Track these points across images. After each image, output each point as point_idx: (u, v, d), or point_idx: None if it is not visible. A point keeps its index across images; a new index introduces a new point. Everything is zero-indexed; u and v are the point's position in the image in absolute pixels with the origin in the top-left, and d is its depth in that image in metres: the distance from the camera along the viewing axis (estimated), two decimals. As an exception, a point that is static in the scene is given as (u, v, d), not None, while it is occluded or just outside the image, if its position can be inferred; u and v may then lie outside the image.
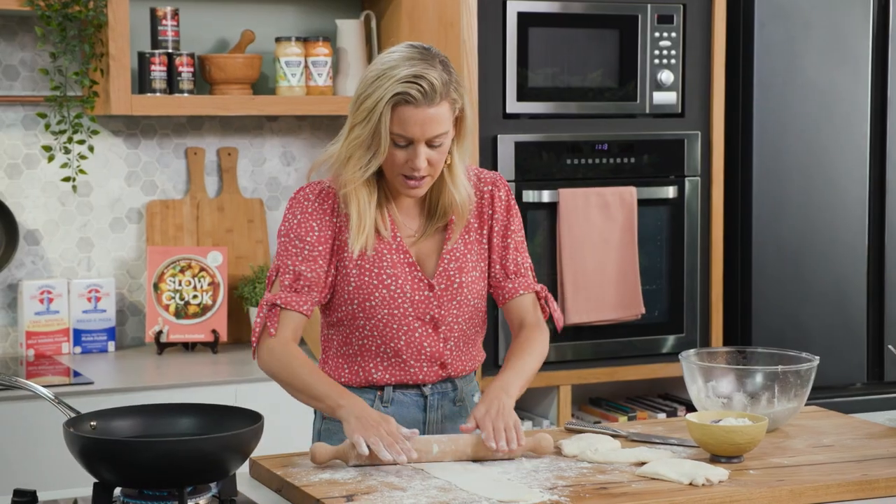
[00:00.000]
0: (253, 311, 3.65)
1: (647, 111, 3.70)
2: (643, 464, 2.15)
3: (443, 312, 2.34)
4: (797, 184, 3.80)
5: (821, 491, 2.08)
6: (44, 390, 2.10)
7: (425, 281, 2.33)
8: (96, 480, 1.96)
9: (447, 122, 2.24)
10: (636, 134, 3.69)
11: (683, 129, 3.74)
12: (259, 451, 2.20)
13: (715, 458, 2.19)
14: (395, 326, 2.33)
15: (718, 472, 2.09)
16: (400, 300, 2.31)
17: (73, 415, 2.06)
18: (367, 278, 2.31)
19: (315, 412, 2.46)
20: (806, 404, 2.57)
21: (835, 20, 3.80)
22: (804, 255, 3.81)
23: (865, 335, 3.91)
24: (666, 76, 3.68)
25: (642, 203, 3.67)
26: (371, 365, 2.36)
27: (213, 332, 3.61)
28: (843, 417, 2.58)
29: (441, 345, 2.36)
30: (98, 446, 1.93)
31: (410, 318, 2.33)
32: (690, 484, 2.06)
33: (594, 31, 3.62)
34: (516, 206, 2.43)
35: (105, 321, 3.60)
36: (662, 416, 3.75)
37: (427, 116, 2.21)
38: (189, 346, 3.64)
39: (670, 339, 3.76)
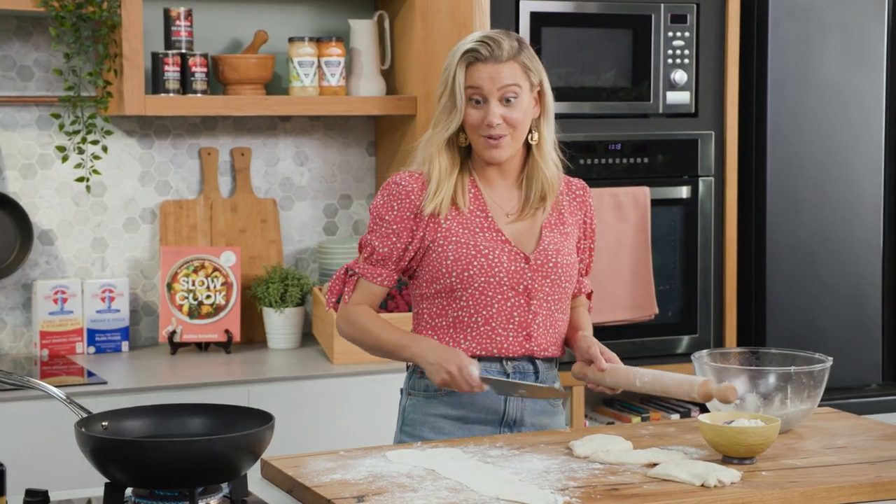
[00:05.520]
0: (266, 312, 3.65)
1: (661, 111, 3.69)
2: (655, 465, 2.15)
3: (536, 286, 2.45)
4: (811, 183, 3.79)
5: (833, 493, 2.07)
6: (55, 390, 2.11)
7: (521, 254, 2.45)
8: (108, 480, 1.96)
9: (517, 78, 2.40)
10: (649, 134, 3.68)
11: (697, 128, 3.73)
12: (271, 452, 2.20)
13: (727, 460, 2.18)
14: (489, 294, 2.43)
15: (730, 474, 2.08)
16: (496, 268, 2.43)
17: (84, 415, 2.06)
18: (464, 251, 2.43)
19: (401, 393, 2.56)
20: (820, 405, 2.56)
21: (850, 19, 3.78)
22: (819, 255, 3.80)
23: (881, 336, 3.90)
24: (679, 76, 3.67)
25: (656, 203, 3.66)
26: (461, 336, 2.45)
27: (227, 332, 3.62)
28: (857, 419, 2.56)
29: (530, 317, 2.46)
30: (109, 446, 1.93)
31: (505, 288, 2.44)
32: (702, 485, 2.05)
33: (607, 31, 3.62)
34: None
35: (119, 321, 3.61)
36: (676, 416, 3.74)
37: (495, 70, 2.39)
38: (202, 347, 3.64)
39: (684, 340, 3.75)
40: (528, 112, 2.44)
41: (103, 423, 2.05)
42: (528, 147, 2.49)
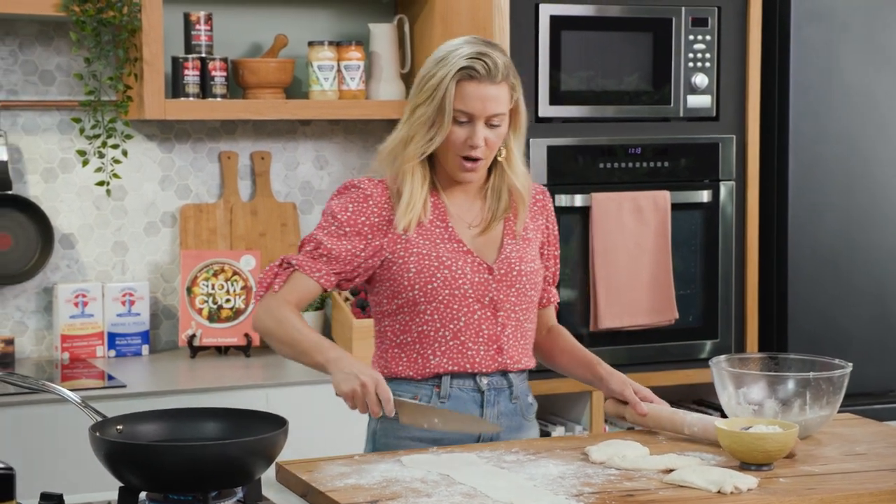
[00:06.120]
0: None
1: (682, 115, 3.67)
2: (671, 471, 2.13)
3: (502, 297, 2.39)
4: (834, 187, 3.76)
5: (852, 500, 2.04)
6: (71, 394, 2.11)
7: (484, 265, 2.39)
8: (122, 484, 1.96)
9: (505, 105, 2.34)
10: (670, 138, 3.66)
11: (718, 132, 3.71)
12: (289, 455, 2.20)
13: (744, 466, 2.17)
14: (455, 307, 2.36)
15: (747, 480, 2.06)
16: (461, 281, 2.36)
17: (99, 419, 2.06)
18: (426, 262, 2.36)
19: (369, 414, 2.45)
20: (842, 411, 2.54)
21: (873, 21, 3.75)
22: (841, 260, 3.77)
23: (905, 341, 3.86)
24: (700, 79, 3.65)
25: (676, 207, 3.64)
26: (429, 351, 2.38)
27: (246, 335, 3.62)
28: (878, 425, 2.54)
29: (499, 329, 2.40)
30: (123, 450, 1.93)
31: (470, 300, 2.37)
32: (719, 492, 2.03)
33: (627, 35, 3.60)
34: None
35: (139, 325, 3.62)
36: (697, 422, 3.71)
37: (488, 93, 2.31)
38: (222, 350, 3.65)
39: (705, 345, 3.72)
40: (506, 132, 2.39)
41: (118, 427, 2.05)
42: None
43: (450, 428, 2.27)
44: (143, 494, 1.98)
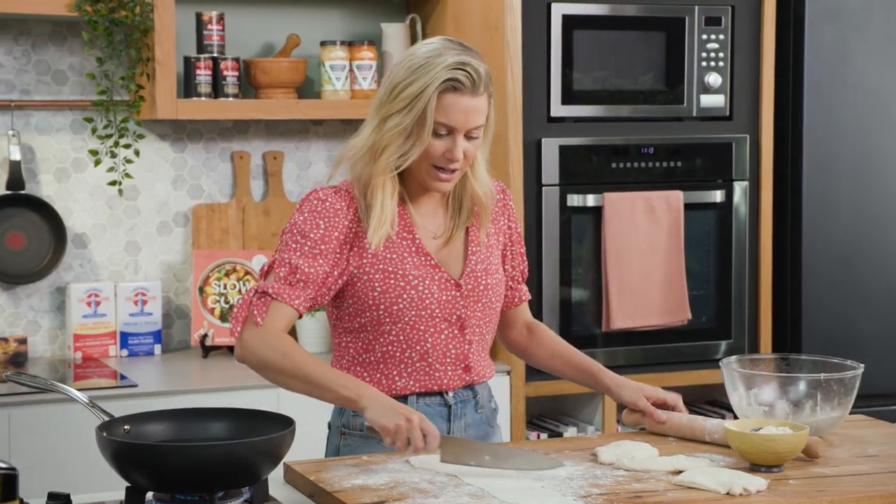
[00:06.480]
0: (297, 315, 3.65)
1: (695, 114, 3.66)
2: (680, 472, 2.12)
3: (469, 313, 2.32)
4: (848, 187, 3.74)
5: (862, 502, 2.03)
6: (78, 394, 2.11)
7: (452, 281, 2.30)
8: (129, 484, 1.96)
9: (484, 115, 2.25)
10: (683, 137, 3.65)
11: (732, 132, 3.69)
12: (298, 456, 2.20)
13: (754, 468, 2.15)
14: (422, 328, 2.28)
15: (757, 482, 2.05)
16: (427, 300, 2.27)
17: (106, 418, 2.06)
18: (392, 281, 2.26)
19: (330, 429, 2.40)
20: (857, 412, 2.52)
21: (887, 20, 3.73)
22: (856, 260, 3.75)
23: (920, 342, 3.84)
24: (714, 79, 3.64)
25: (690, 207, 3.63)
26: (395, 372, 2.30)
27: (258, 335, 3.62)
28: (891, 427, 2.52)
29: (466, 347, 2.33)
30: (130, 450, 1.93)
31: (437, 320, 2.29)
32: (727, 493, 2.02)
33: (640, 34, 3.59)
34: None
35: (151, 324, 3.62)
36: (710, 422, 3.69)
37: (471, 105, 2.21)
38: (234, 350, 3.64)
39: (718, 345, 3.71)
40: (482, 141, 2.30)
41: (125, 427, 2.05)
42: None
43: (503, 465, 2.12)
44: (150, 494, 1.98)
